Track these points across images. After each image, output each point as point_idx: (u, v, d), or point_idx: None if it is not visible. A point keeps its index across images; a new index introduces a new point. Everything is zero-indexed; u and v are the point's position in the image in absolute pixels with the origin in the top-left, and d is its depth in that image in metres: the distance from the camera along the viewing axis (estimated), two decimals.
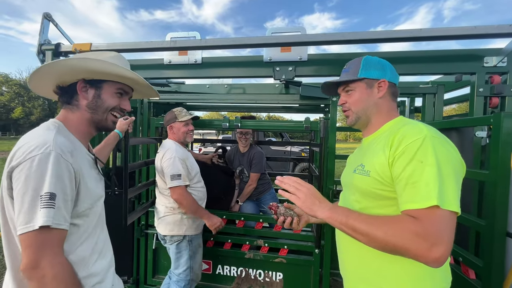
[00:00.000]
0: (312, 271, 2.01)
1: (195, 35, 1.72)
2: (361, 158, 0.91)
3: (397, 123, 0.89)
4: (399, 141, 0.76)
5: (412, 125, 0.80)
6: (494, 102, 1.47)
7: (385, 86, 0.91)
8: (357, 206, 0.88)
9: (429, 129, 0.76)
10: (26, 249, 0.66)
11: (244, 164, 2.64)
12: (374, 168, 0.81)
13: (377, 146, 0.85)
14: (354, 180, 0.89)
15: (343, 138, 53.57)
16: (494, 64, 1.48)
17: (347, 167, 1.06)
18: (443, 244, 0.62)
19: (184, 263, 1.75)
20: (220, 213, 2.06)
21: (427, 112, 2.00)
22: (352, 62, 0.98)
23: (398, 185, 0.73)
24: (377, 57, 0.96)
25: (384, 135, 0.87)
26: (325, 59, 1.69)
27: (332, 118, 1.96)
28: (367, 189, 0.83)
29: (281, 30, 1.64)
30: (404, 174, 0.71)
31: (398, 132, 0.79)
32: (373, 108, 0.92)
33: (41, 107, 42.33)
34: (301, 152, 8.05)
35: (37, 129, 0.80)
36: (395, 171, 0.75)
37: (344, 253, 0.98)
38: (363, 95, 0.92)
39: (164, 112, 2.66)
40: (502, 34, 1.32)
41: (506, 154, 1.17)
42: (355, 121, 0.96)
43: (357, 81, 0.93)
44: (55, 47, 1.72)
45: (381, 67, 0.93)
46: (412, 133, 0.75)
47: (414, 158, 0.71)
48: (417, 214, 0.66)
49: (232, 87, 2.41)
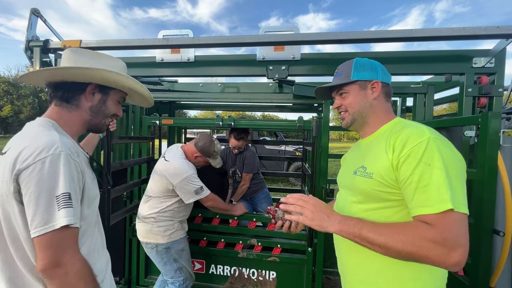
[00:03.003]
0: (305, 270, 2.02)
1: (187, 33, 1.71)
2: (362, 160, 0.90)
3: (395, 124, 0.89)
4: (403, 144, 0.75)
5: (413, 127, 0.79)
6: (482, 102, 1.50)
7: (379, 86, 0.91)
8: (358, 207, 0.88)
9: (431, 131, 0.76)
10: (46, 249, 0.67)
11: (237, 165, 2.64)
12: (377, 171, 0.80)
13: (378, 147, 0.85)
14: (355, 182, 0.88)
15: (337, 138, 54.03)
16: (482, 65, 1.51)
17: (344, 168, 1.06)
18: (462, 247, 0.63)
19: (170, 268, 1.74)
20: (213, 212, 2.05)
21: (418, 111, 2.03)
22: (344, 65, 0.98)
23: (407, 189, 0.72)
24: (367, 59, 0.97)
25: (383, 136, 0.87)
26: (318, 59, 1.70)
27: (325, 117, 1.97)
28: (370, 191, 0.82)
29: (275, 29, 1.64)
30: (413, 178, 0.70)
31: (400, 134, 0.78)
32: (369, 110, 0.93)
33: (30, 106, 41.43)
34: (295, 151, 8.08)
35: (34, 129, 0.78)
36: (402, 175, 0.74)
37: (343, 255, 0.97)
38: (358, 97, 0.93)
39: (156, 111, 2.64)
40: (490, 35, 1.34)
41: (493, 153, 1.19)
42: (351, 123, 0.96)
43: (350, 83, 0.94)
44: (43, 43, 1.67)
45: (372, 68, 0.94)
46: (415, 136, 0.74)
47: (421, 161, 0.70)
48: (431, 219, 0.66)
49: (226, 86, 2.39)
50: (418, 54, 1.60)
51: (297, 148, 8.12)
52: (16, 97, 41.95)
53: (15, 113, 41.77)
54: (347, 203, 0.93)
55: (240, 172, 2.62)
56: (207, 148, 1.80)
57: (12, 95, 41.82)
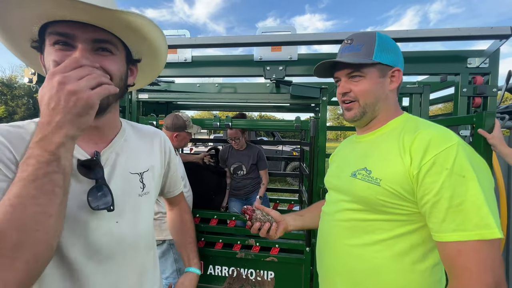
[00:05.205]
0: (303, 269, 2.02)
1: (184, 33, 1.70)
2: (363, 160, 0.74)
3: (406, 121, 0.73)
4: (424, 148, 0.60)
5: (434, 128, 0.64)
6: (477, 102, 1.52)
7: (400, 76, 0.74)
8: (354, 216, 0.73)
9: (456, 135, 0.63)
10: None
11: (244, 161, 2.64)
12: (387, 177, 0.65)
13: (387, 147, 0.70)
14: (354, 186, 0.72)
15: (334, 137, 54.26)
16: (477, 65, 1.52)
17: (335, 168, 0.91)
18: (502, 278, 0.53)
19: (170, 267, 1.74)
20: (211, 213, 2.05)
21: (414, 111, 2.05)
22: (362, 37, 0.74)
23: (436, 207, 0.58)
24: (388, 36, 0.74)
25: (394, 134, 0.71)
26: (315, 59, 1.71)
27: (323, 118, 1.98)
28: (374, 200, 0.67)
29: (272, 29, 1.65)
30: (443, 194, 0.56)
31: (418, 135, 0.63)
32: (383, 103, 0.74)
33: (25, 106, 40.94)
34: (293, 151, 8.10)
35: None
36: (425, 188, 0.59)
37: (338, 274, 0.79)
38: (375, 86, 0.73)
39: (153, 111, 2.62)
40: (484, 36, 1.36)
41: (488, 152, 1.21)
42: (360, 116, 0.76)
43: (370, 65, 0.72)
44: None
45: (395, 50, 0.74)
46: (441, 139, 0.60)
47: (453, 171, 0.56)
48: (469, 248, 0.54)
49: (223, 86, 2.39)
50: (414, 55, 1.62)
51: (294, 148, 8.14)
52: (10, 97, 41.45)
53: (9, 114, 41.26)
54: (340, 209, 0.78)
55: (246, 168, 2.63)
56: (176, 122, 1.82)
57: (6, 95, 41.32)
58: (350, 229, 0.74)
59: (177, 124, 1.83)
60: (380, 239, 0.69)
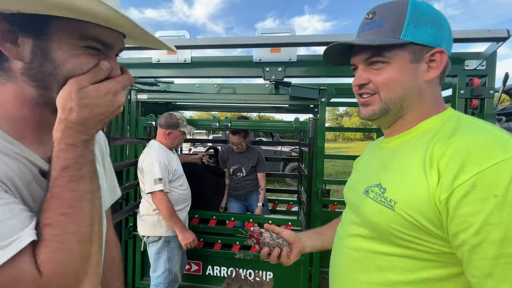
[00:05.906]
0: (301, 270, 2.03)
1: (184, 34, 1.71)
2: (379, 173, 0.56)
3: (448, 121, 0.51)
4: (461, 162, 0.41)
5: (483, 132, 0.44)
6: (474, 104, 1.53)
7: (443, 61, 0.53)
8: (365, 245, 0.56)
9: None
10: None
11: (243, 164, 2.64)
12: (404, 200, 0.47)
13: (408, 158, 0.51)
14: (365, 207, 0.56)
15: (332, 138, 54.39)
16: (474, 67, 1.54)
17: (355, 177, 0.71)
18: None
19: (162, 265, 1.73)
20: (210, 214, 2.05)
21: None
22: (387, 7, 0.54)
23: (476, 253, 0.40)
24: (429, 4, 0.54)
25: (423, 139, 0.51)
26: (314, 60, 1.72)
27: (321, 118, 1.99)
28: (387, 228, 0.50)
29: (271, 30, 1.65)
30: (490, 234, 0.38)
31: (453, 141, 0.44)
32: (415, 98, 0.54)
33: None
34: (291, 152, 8.11)
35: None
36: (460, 222, 0.41)
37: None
38: (403, 74, 0.53)
39: (152, 112, 2.62)
40: (482, 38, 1.38)
41: None
42: (379, 114, 0.56)
43: (397, 47, 0.52)
44: None
45: (438, 23, 0.53)
46: (488, 149, 0.41)
47: (506, 200, 0.37)
48: None
49: (222, 87, 2.40)
50: None
51: (293, 148, 8.15)
52: None
53: None
54: (350, 234, 0.61)
55: (245, 170, 2.63)
56: (170, 121, 1.83)
57: None
58: (360, 261, 0.57)
59: (170, 122, 1.83)
60: (398, 281, 0.50)
